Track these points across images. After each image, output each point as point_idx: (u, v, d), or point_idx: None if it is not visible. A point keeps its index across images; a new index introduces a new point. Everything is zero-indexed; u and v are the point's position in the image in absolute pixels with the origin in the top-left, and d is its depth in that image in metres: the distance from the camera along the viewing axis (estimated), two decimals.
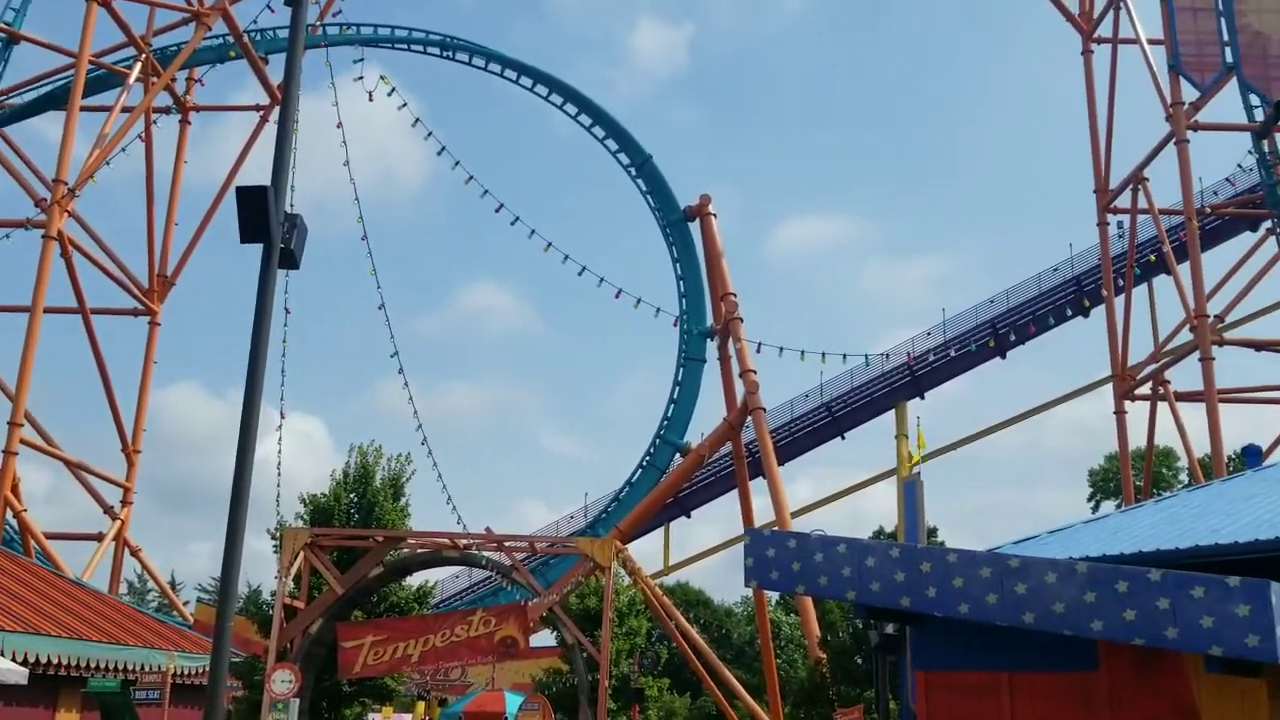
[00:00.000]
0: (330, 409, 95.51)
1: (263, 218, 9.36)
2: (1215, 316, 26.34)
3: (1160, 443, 35.12)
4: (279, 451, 29.90)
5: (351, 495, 22.94)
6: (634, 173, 31.43)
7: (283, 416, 27.65)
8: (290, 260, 9.69)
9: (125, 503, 28.44)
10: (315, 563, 19.00)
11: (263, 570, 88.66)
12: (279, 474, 25.90)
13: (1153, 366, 29.57)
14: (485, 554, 20.08)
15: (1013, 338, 35.49)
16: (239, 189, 9.52)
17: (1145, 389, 29.77)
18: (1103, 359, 31.48)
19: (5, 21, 29.63)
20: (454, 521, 30.48)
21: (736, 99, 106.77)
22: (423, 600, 23.33)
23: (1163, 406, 29.09)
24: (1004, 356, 35.88)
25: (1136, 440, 31.84)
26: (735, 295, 28.35)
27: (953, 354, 35.46)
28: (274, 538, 21.71)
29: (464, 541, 19.95)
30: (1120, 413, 30.50)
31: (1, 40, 29.98)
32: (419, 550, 20.08)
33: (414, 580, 22.86)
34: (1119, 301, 31.00)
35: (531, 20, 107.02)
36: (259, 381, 9.34)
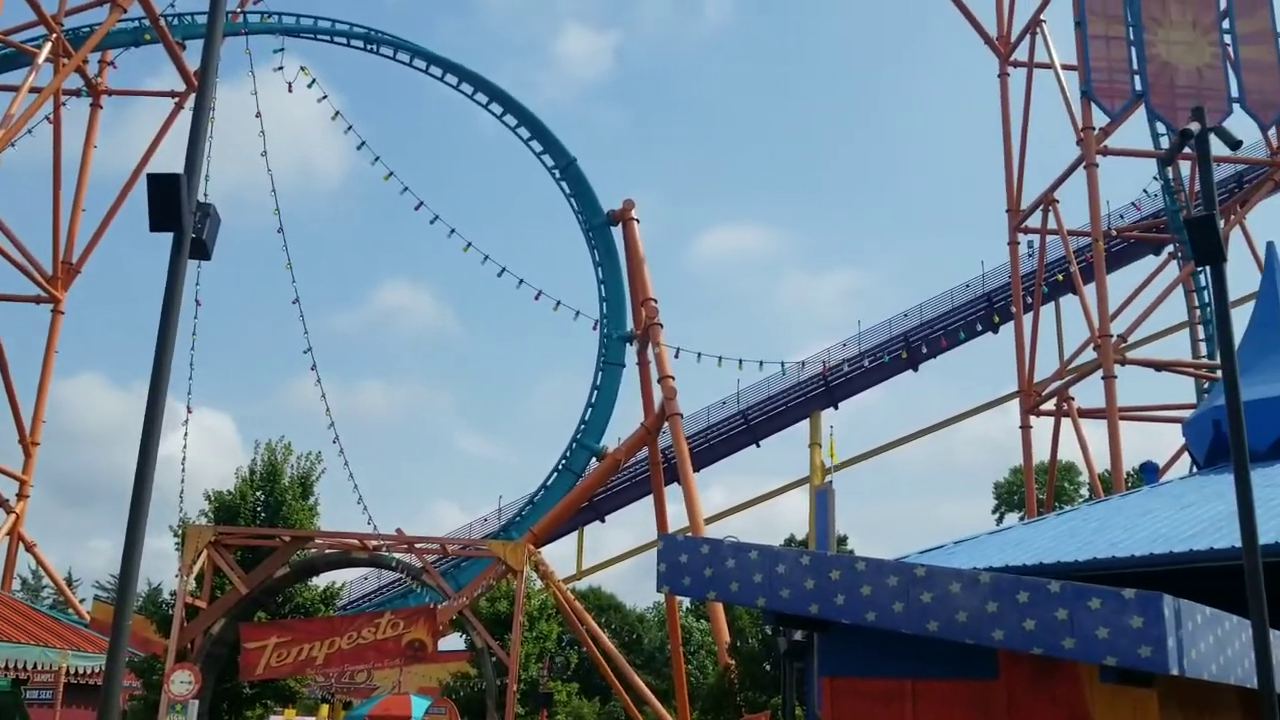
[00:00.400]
0: (239, 405, 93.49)
1: (174, 205, 9.11)
2: (1118, 336, 27.16)
3: (1063, 457, 36.14)
4: (184, 447, 29.20)
5: (258, 493, 22.47)
6: (558, 175, 31.35)
7: (189, 411, 27.04)
8: (202, 250, 9.45)
9: (21, 496, 27.52)
10: (219, 561, 18.59)
11: (164, 568, 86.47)
12: (183, 470, 25.36)
13: (1058, 383, 30.39)
14: (395, 555, 19.84)
15: (925, 350, 36.19)
16: (150, 176, 9.25)
17: (1050, 405, 30.59)
18: (1011, 374, 32.26)
19: None
20: (364, 522, 30.10)
21: (661, 106, 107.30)
22: (329, 602, 22.94)
23: (1066, 422, 29.93)
24: (916, 369, 36.57)
25: (1040, 454, 32.73)
26: (656, 301, 28.47)
27: (867, 365, 36.02)
28: (176, 535, 21.17)
29: (374, 542, 19.68)
30: (1025, 427, 31.29)
31: None
32: (327, 550, 19.76)
33: (321, 581, 22.49)
34: (1027, 319, 31.80)
35: (458, 20, 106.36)
36: (165, 374, 9.09)
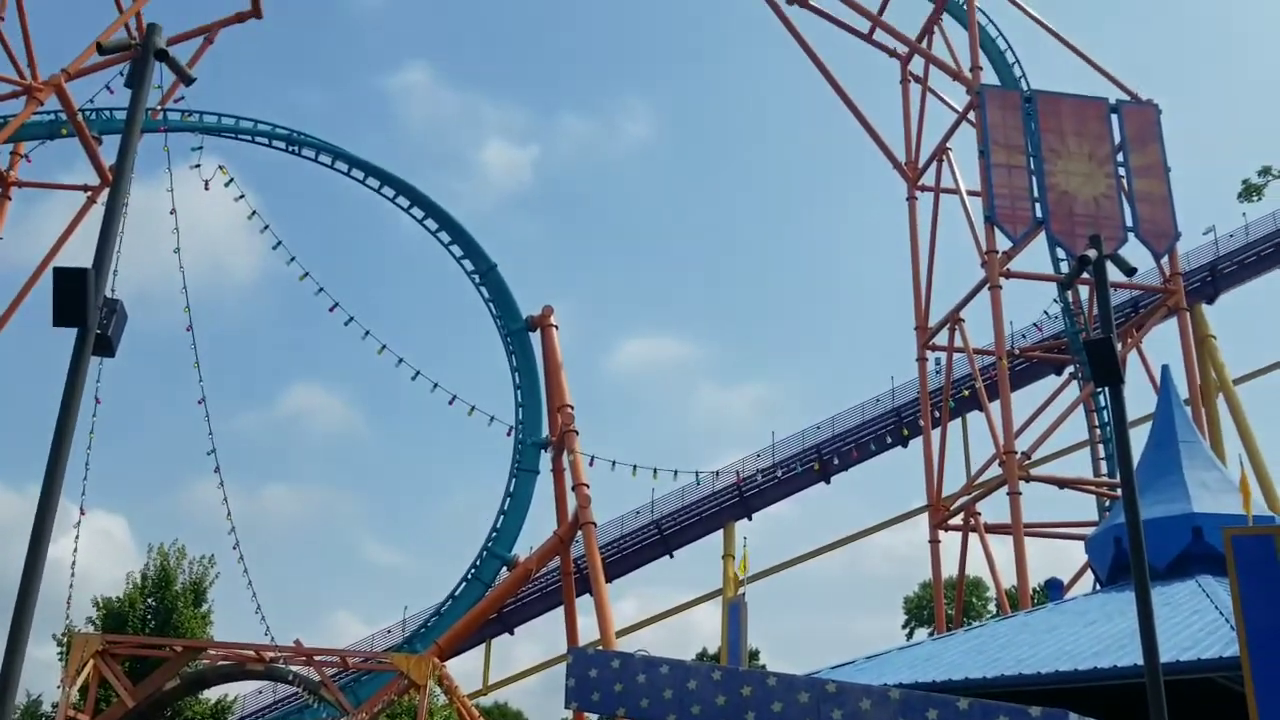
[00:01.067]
0: (136, 507, 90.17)
1: (80, 300, 8.92)
2: (1022, 453, 27.81)
3: (971, 572, 36.56)
4: (74, 550, 27.93)
5: (149, 600, 21.61)
6: (478, 280, 31.40)
7: (82, 512, 25.93)
8: (106, 347, 9.23)
9: None
10: (105, 672, 17.72)
11: (46, 679, 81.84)
12: (73, 574, 24.16)
13: (965, 498, 30.91)
14: (293, 669, 19.12)
15: (836, 463, 36.60)
16: (56, 269, 9.06)
17: (958, 519, 31.04)
18: (920, 488, 32.72)
19: None
20: (261, 632, 28.90)
21: (580, 217, 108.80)
22: (220, 717, 21.96)
23: (974, 537, 30.37)
24: (828, 481, 36.91)
25: (949, 569, 33.03)
26: (572, 407, 28.40)
27: (780, 476, 36.26)
28: (61, 644, 20.16)
29: (270, 654, 18.96)
30: (934, 541, 31.66)
31: None
32: (220, 662, 18.97)
33: (213, 694, 21.54)
34: (936, 434, 32.44)
35: (379, 131, 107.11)
36: (59, 473, 8.76)
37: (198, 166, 28.31)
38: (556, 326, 30.00)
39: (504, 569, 29.11)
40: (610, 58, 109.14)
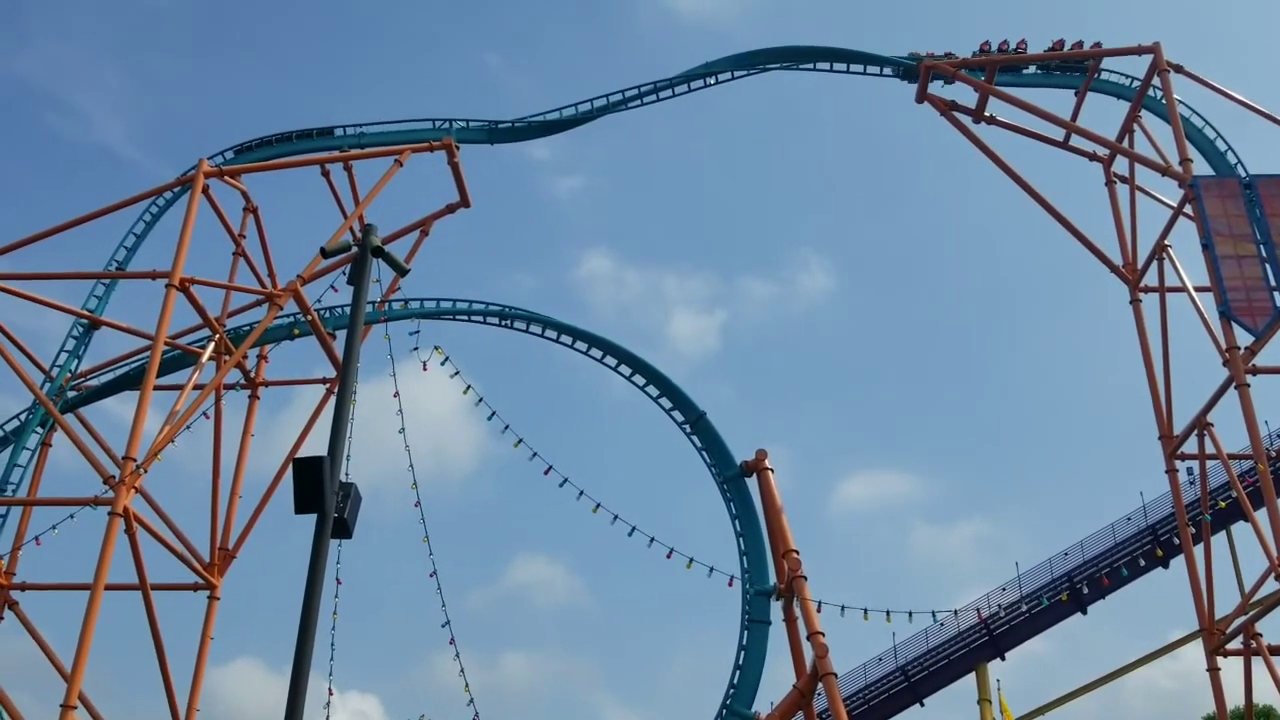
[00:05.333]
0: (386, 684, 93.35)
1: (318, 487, 9.58)
2: None
3: (1259, 700, 33.03)
4: None
5: None
6: (688, 430, 31.77)
7: (331, 691, 27.05)
8: (343, 529, 9.84)
9: None
10: None
11: None
12: None
13: (1241, 619, 28.21)
14: None
15: (1087, 591, 34.28)
16: (296, 461, 9.80)
17: (1236, 643, 28.29)
18: (1183, 612, 30.14)
19: (88, 309, 31.54)
20: None
21: (775, 370, 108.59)
22: None
23: (1257, 661, 27.54)
24: (1084, 611, 34.55)
25: (1230, 699, 29.98)
26: (797, 552, 27.90)
27: (1028, 610, 34.22)
28: None
29: None
30: (1213, 670, 28.87)
31: (83, 326, 31.83)
32: None
33: None
34: (1198, 550, 30.00)
35: (575, 314, 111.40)
36: (308, 653, 9.27)
37: (415, 349, 30.16)
38: (772, 470, 29.81)
39: None
40: (781, 216, 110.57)
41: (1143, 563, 34.52)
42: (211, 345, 29.46)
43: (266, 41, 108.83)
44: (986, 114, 33.39)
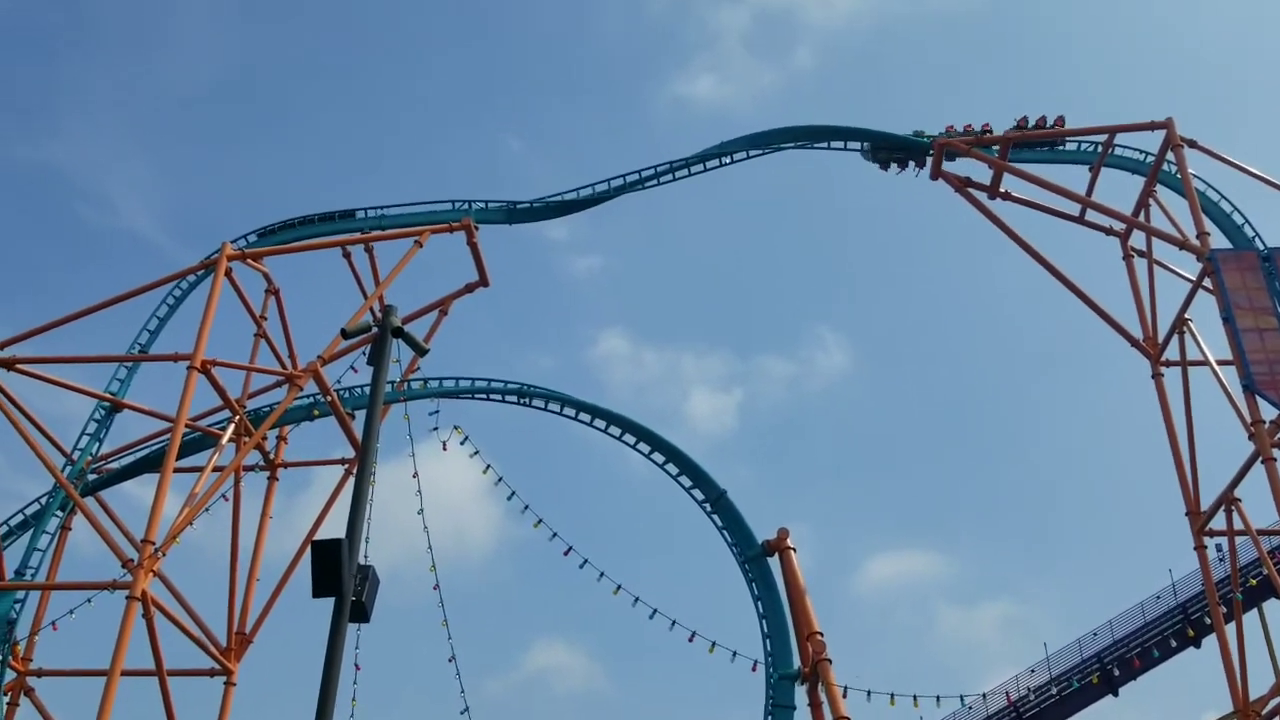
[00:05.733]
0: None
1: (336, 570, 9.49)
2: None
3: None
4: None
5: None
6: (709, 508, 31.55)
7: None
8: (361, 613, 9.72)
9: None
10: None
11: None
12: None
13: (1276, 700, 27.48)
14: None
15: (1118, 673, 33.52)
16: (314, 544, 9.75)
17: None
18: (1218, 693, 29.37)
19: (111, 391, 31.74)
20: None
21: (795, 449, 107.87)
22: None
23: None
24: (1116, 694, 33.74)
25: None
26: (822, 634, 27.46)
27: (1057, 693, 33.47)
28: None
29: None
30: None
31: (105, 409, 32.00)
32: None
33: None
34: (1230, 629, 29.34)
35: (588, 396, 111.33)
36: None
37: (435, 429, 30.16)
38: (794, 549, 29.50)
39: None
40: (797, 294, 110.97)
41: (1174, 643, 33.76)
42: (231, 426, 29.54)
43: (289, 127, 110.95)
44: (1001, 190, 33.59)
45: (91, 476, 31.99)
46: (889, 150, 36.66)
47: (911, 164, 36.88)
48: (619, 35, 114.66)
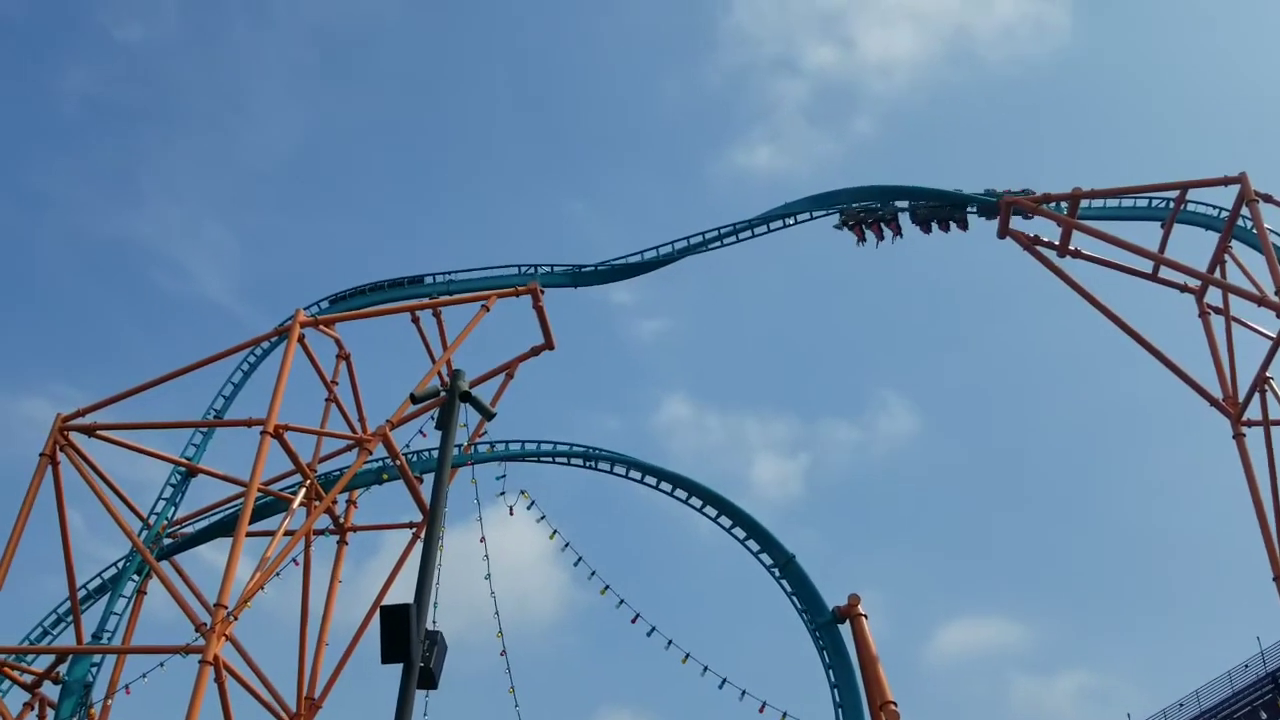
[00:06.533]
0: None
1: (404, 636, 9.45)
2: None
3: None
4: None
5: None
6: (777, 574, 31.06)
7: None
8: (429, 680, 9.65)
9: None
10: None
11: None
12: None
13: None
14: None
15: None
16: (383, 609, 9.73)
17: None
18: None
19: (186, 456, 32.30)
20: None
21: (864, 515, 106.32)
22: None
23: None
24: None
25: None
26: (896, 705, 26.77)
27: None
28: None
29: None
30: None
31: (181, 474, 32.57)
32: None
33: None
34: None
35: (653, 459, 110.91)
36: None
37: (502, 494, 30.16)
38: (866, 615, 28.87)
39: None
40: (861, 357, 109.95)
41: (1264, 714, 32.43)
42: (303, 491, 29.80)
43: (359, 195, 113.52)
44: (1071, 247, 33.12)
45: (167, 541, 32.49)
46: (931, 209, 36.46)
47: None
48: (678, 104, 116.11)
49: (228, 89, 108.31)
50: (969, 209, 35.55)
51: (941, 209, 36.12)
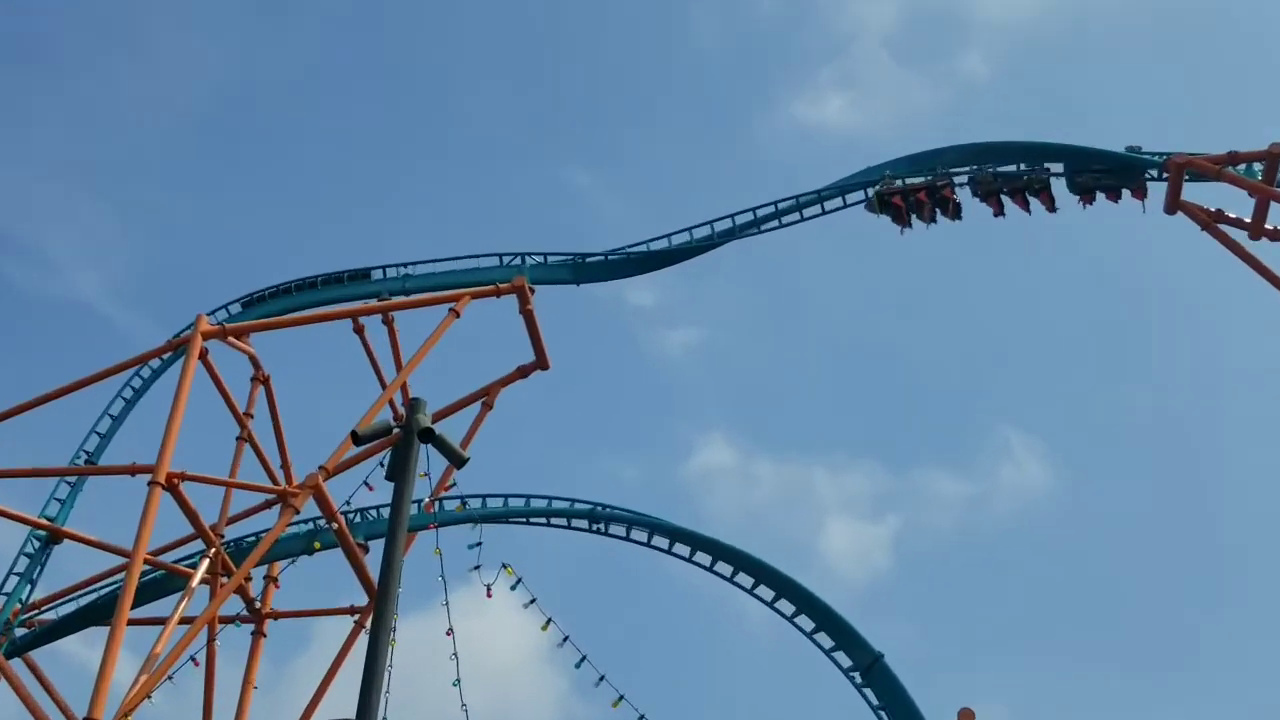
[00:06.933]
0: None
1: None
2: None
3: None
4: None
5: None
6: (859, 679, 30.96)
7: None
8: None
9: None
10: None
11: None
12: None
13: None
14: None
15: None
16: None
17: None
18: None
19: (47, 516, 32.32)
20: None
21: (978, 598, 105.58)
22: None
23: None
24: None
25: None
26: None
27: None
28: None
29: None
30: None
31: (40, 539, 32.55)
32: None
33: None
34: None
35: (686, 519, 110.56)
36: None
37: (477, 568, 30.01)
38: None
39: None
40: (971, 382, 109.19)
41: None
42: (205, 563, 29.76)
43: (285, 164, 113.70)
44: (1268, 226, 32.83)
45: (20, 631, 32.54)
46: (1090, 175, 35.86)
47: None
48: (718, 40, 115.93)
49: (112, 21, 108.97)
50: (1143, 174, 34.87)
51: (1096, 175, 35.56)
